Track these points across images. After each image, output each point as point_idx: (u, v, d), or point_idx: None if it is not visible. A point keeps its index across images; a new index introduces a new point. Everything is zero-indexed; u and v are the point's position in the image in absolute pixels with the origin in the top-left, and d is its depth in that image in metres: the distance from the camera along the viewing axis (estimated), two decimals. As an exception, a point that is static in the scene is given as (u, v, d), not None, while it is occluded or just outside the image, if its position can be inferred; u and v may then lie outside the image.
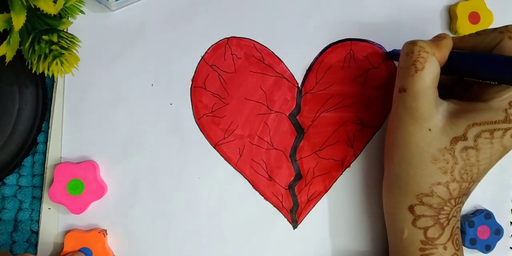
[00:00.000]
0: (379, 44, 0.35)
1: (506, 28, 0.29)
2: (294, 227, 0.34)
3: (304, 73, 0.34)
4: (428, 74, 0.28)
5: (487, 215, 0.35)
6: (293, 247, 0.34)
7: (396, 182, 0.30)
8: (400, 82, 0.29)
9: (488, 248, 0.35)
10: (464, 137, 0.28)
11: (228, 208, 0.34)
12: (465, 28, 0.35)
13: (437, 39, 0.30)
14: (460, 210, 0.30)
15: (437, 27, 0.36)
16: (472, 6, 0.36)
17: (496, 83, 0.28)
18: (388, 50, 0.35)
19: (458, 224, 0.31)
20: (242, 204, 0.34)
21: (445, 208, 0.29)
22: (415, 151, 0.29)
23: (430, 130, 0.28)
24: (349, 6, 0.35)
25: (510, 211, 0.37)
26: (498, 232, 0.35)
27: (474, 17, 0.36)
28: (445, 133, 0.28)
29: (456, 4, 0.36)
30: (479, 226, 0.35)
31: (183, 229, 0.33)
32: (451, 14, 0.36)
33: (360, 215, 0.34)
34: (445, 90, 0.31)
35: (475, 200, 0.36)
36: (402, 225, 0.30)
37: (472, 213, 0.36)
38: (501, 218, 0.36)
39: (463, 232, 0.35)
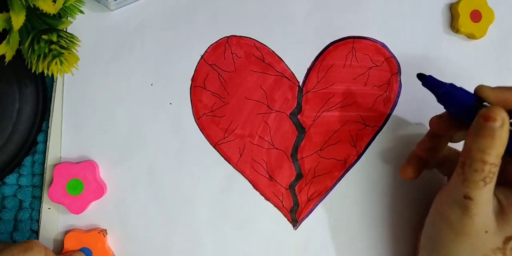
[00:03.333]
0: (382, 42, 0.35)
1: None
2: (294, 226, 0.34)
3: (305, 71, 0.34)
4: (492, 182, 0.26)
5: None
6: (293, 247, 0.34)
7: None
8: (466, 191, 0.27)
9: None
10: None
11: (228, 208, 0.33)
12: (467, 26, 0.35)
13: (496, 131, 0.25)
14: None
15: (439, 25, 0.36)
16: (473, 4, 0.35)
17: None
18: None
19: None
20: (242, 204, 0.33)
21: None
22: (468, 251, 0.28)
23: (486, 232, 0.27)
24: (351, 3, 0.35)
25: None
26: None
27: (475, 15, 0.35)
28: (499, 233, 0.27)
29: (458, 2, 0.35)
30: None
31: (183, 229, 0.33)
32: (452, 12, 0.36)
33: (361, 215, 0.34)
34: None
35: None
36: None
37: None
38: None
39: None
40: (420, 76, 0.30)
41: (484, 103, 0.28)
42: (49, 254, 0.28)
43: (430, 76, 0.30)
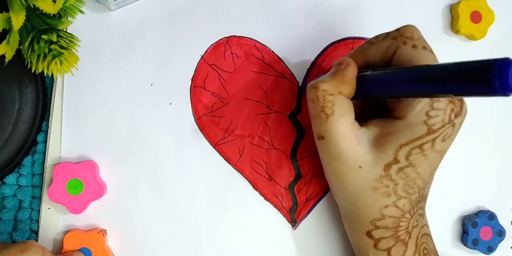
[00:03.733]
0: (380, 44, 0.35)
1: (398, 32, 0.28)
2: (294, 226, 0.34)
3: (305, 72, 0.34)
4: (340, 116, 0.27)
5: (490, 216, 0.35)
6: (293, 247, 0.34)
7: (348, 215, 0.30)
8: (316, 130, 0.28)
9: (490, 249, 0.35)
10: (395, 161, 0.27)
11: (228, 208, 0.33)
12: (467, 27, 0.35)
13: (339, 71, 0.28)
14: (422, 216, 0.29)
15: (439, 26, 0.36)
16: (473, 5, 0.35)
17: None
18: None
19: (425, 230, 0.30)
20: (242, 204, 0.33)
21: (402, 224, 0.28)
22: (354, 188, 0.28)
23: (360, 167, 0.27)
24: (350, 4, 0.35)
25: (512, 212, 0.37)
26: (500, 233, 0.35)
27: (475, 16, 0.35)
28: (376, 163, 0.27)
29: (458, 3, 0.36)
30: (482, 227, 0.35)
31: (183, 229, 0.33)
32: (452, 13, 0.36)
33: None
34: (360, 109, 0.30)
35: (478, 201, 0.36)
36: (366, 251, 0.29)
37: (475, 214, 0.36)
38: (502, 219, 0.36)
39: (465, 233, 0.35)
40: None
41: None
42: (47, 254, 0.27)
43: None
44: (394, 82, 0.25)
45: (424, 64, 0.25)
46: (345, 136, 0.27)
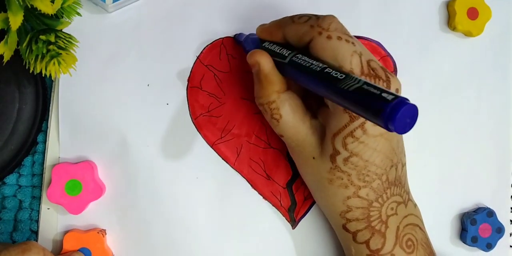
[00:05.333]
0: (377, 41, 0.35)
1: (316, 21, 0.27)
2: (293, 226, 0.34)
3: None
4: (288, 115, 0.28)
5: (489, 213, 0.34)
6: (292, 246, 0.34)
7: (323, 210, 0.31)
8: (276, 131, 0.30)
9: (489, 246, 0.34)
10: (336, 152, 0.27)
11: (227, 207, 0.33)
12: (464, 24, 0.35)
13: (258, 75, 0.28)
14: (402, 204, 0.29)
15: (436, 23, 0.36)
16: (470, 2, 0.35)
17: None
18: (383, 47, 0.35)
19: (411, 220, 0.29)
20: (240, 203, 0.33)
21: (372, 213, 0.28)
22: (312, 180, 0.30)
23: (314, 158, 0.29)
24: (346, 2, 0.35)
25: (510, 209, 0.36)
26: (499, 230, 0.35)
27: (472, 13, 0.35)
28: (324, 155, 0.28)
29: (454, 0, 0.35)
30: (481, 224, 0.34)
31: (182, 229, 0.33)
32: (449, 10, 0.36)
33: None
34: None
35: (476, 197, 0.36)
36: (348, 245, 0.29)
37: (474, 211, 0.35)
38: (501, 216, 0.35)
39: (464, 230, 0.34)
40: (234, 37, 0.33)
41: (263, 44, 0.30)
42: (47, 255, 0.28)
43: (238, 34, 0.33)
44: (306, 83, 0.26)
45: (336, 72, 0.24)
46: (299, 131, 0.28)
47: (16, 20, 0.27)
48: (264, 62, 0.28)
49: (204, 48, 0.34)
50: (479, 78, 0.36)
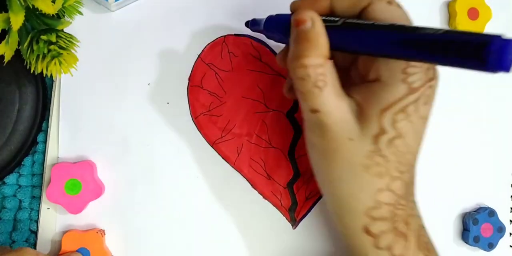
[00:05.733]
0: (377, 42, 0.35)
1: None
2: (293, 226, 0.34)
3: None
4: (333, 85, 0.25)
5: (491, 213, 0.34)
6: (293, 246, 0.33)
7: (338, 209, 0.26)
8: (309, 105, 0.25)
9: (491, 246, 0.34)
10: (382, 131, 0.24)
11: (227, 207, 0.33)
12: (464, 24, 0.35)
13: (309, 34, 0.24)
14: (416, 204, 0.26)
15: (436, 24, 0.36)
16: (471, 2, 0.35)
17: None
18: None
19: (421, 221, 0.26)
20: (240, 203, 0.33)
21: (398, 212, 0.25)
22: (343, 167, 0.25)
23: (351, 139, 0.25)
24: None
25: (510, 209, 0.36)
26: (500, 230, 0.35)
27: (473, 13, 0.35)
28: (364, 136, 0.24)
29: (455, 0, 0.36)
30: (482, 224, 0.34)
31: (182, 229, 0.33)
32: (450, 10, 0.36)
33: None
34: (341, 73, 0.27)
35: (478, 197, 0.36)
36: (365, 252, 0.25)
37: (475, 211, 0.35)
38: (501, 216, 0.35)
39: (466, 230, 0.34)
40: (246, 24, 0.31)
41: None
42: None
43: (252, 20, 0.30)
44: (371, 42, 0.23)
45: (409, 26, 0.22)
46: (338, 105, 0.25)
47: (17, 20, 0.27)
48: (317, 19, 0.24)
49: (205, 47, 0.33)
50: (479, 78, 0.36)
